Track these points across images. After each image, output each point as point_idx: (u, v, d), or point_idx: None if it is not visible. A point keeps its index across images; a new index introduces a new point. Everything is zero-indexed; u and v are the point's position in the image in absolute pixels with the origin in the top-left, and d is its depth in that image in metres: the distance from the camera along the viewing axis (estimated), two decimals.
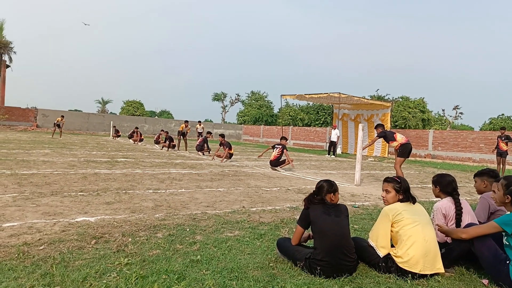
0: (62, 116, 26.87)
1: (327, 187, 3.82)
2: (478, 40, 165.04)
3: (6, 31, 44.90)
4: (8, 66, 47.15)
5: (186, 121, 21.11)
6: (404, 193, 3.81)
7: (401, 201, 3.80)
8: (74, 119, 40.21)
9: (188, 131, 20.95)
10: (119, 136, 30.44)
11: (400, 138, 10.49)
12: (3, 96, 47.42)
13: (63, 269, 3.27)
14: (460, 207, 4.03)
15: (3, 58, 44.62)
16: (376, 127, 11.15)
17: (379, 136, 10.90)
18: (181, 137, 20.74)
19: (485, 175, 4.75)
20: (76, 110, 53.79)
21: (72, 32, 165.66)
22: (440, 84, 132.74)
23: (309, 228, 3.75)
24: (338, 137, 24.67)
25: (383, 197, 3.94)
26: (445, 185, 4.19)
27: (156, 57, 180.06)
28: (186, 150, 20.52)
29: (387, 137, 10.66)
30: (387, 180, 3.94)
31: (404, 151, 10.41)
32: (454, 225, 4.01)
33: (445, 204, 4.10)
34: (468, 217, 4.03)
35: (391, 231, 3.70)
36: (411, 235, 3.56)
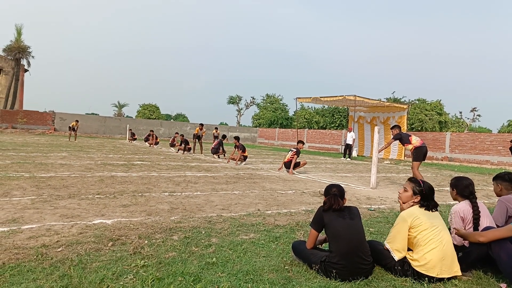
0: (77, 121, 28.69)
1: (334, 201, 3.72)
2: (496, 42, 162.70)
3: (24, 36, 45.74)
4: (26, 70, 48.05)
5: (201, 124, 21.22)
6: (423, 198, 3.79)
7: (420, 206, 3.77)
8: (91, 122, 40.72)
9: (203, 134, 21.05)
10: (135, 139, 30.70)
11: (415, 140, 10.36)
12: (21, 100, 48.33)
13: (80, 270, 3.31)
14: (478, 210, 3.98)
15: (21, 63, 45.44)
16: (392, 128, 11.05)
17: (394, 138, 10.80)
18: (197, 140, 20.86)
19: (499, 178, 4.69)
20: (93, 114, 54.38)
21: (89, 36, 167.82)
22: (458, 86, 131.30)
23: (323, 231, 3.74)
24: (354, 139, 24.55)
25: (399, 193, 3.99)
26: (462, 188, 4.15)
27: (171, 60, 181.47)
28: (201, 153, 20.62)
29: (403, 139, 10.55)
30: (410, 179, 4.00)
31: (419, 154, 10.27)
32: (472, 228, 3.96)
33: (463, 207, 4.06)
34: (486, 220, 3.98)
35: (409, 235, 3.67)
36: (430, 240, 3.52)
